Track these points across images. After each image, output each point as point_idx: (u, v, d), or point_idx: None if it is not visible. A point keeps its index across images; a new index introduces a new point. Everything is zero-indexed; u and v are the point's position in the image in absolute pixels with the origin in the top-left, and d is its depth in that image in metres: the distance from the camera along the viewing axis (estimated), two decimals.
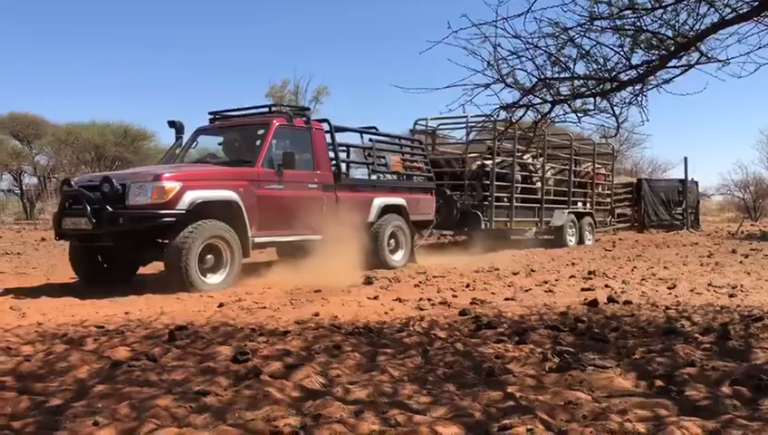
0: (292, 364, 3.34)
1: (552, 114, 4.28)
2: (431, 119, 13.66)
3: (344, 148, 9.96)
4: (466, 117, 12.17)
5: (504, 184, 12.75)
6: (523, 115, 4.41)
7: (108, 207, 6.67)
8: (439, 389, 2.94)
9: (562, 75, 4.03)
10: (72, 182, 7.26)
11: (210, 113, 9.14)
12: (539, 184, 13.85)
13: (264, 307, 5.61)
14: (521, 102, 4.20)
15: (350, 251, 8.95)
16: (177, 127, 8.91)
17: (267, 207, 7.66)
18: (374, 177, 10.04)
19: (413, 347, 3.84)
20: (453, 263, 9.99)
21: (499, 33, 3.84)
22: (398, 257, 9.64)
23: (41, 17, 53.57)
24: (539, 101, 4.22)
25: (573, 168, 14.87)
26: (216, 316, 5.13)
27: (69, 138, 31.02)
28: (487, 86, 4.05)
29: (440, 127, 14.17)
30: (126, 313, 5.36)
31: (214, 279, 7.05)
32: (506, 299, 6.01)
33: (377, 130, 10.34)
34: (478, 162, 12.83)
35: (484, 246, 12.11)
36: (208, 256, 7.01)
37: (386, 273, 8.23)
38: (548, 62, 3.98)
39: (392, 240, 9.57)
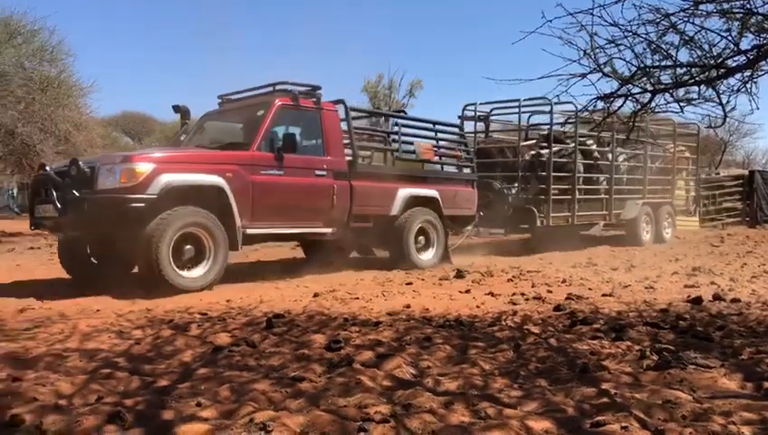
0: (383, 354, 3.39)
1: (653, 104, 4.12)
2: (481, 103, 12.33)
3: (371, 133, 9.33)
4: (519, 101, 11.15)
5: (563, 174, 11.35)
6: (622, 105, 4.28)
7: (75, 192, 6.09)
8: (531, 383, 2.91)
9: (664, 63, 3.87)
10: (47, 168, 6.62)
11: (219, 96, 8.62)
12: (607, 172, 12.32)
13: (357, 298, 5.71)
14: (619, 92, 4.07)
15: (366, 247, 8.45)
16: (181, 112, 8.34)
17: (263, 195, 6.89)
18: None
19: (505, 341, 3.81)
20: (548, 259, 9.80)
21: (596, 21, 3.74)
22: (427, 256, 8.64)
23: (152, 19, 56.44)
24: (638, 90, 4.07)
25: (649, 152, 13.19)
26: (311, 305, 5.28)
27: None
28: (584, 76, 3.96)
29: (494, 112, 12.64)
30: (227, 301, 5.60)
31: (193, 273, 6.33)
32: (604, 295, 5.83)
33: (405, 113, 9.48)
34: (533, 151, 11.52)
35: (575, 242, 11.71)
36: (187, 247, 6.28)
37: (478, 266, 8.16)
38: (648, 49, 3.83)
39: (421, 237, 8.60)
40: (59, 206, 6.14)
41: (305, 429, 2.26)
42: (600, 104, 4.18)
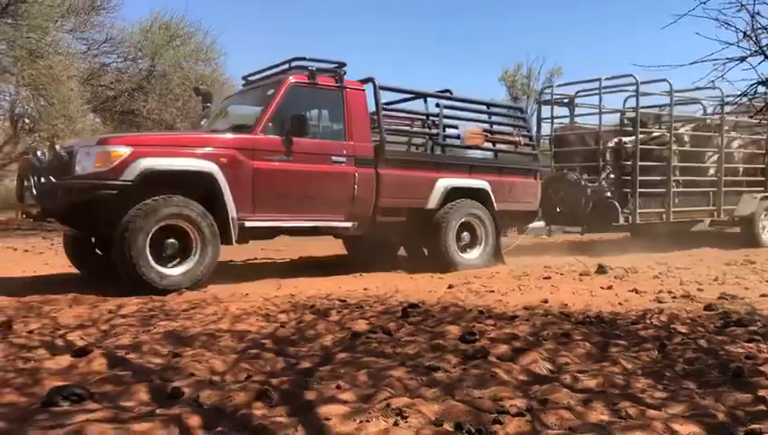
0: (519, 348, 3.35)
1: None
2: (559, 85, 10.94)
3: (408, 117, 8.35)
4: (599, 80, 9.82)
5: (654, 164, 9.91)
6: None
7: (51, 178, 5.65)
8: (677, 385, 2.76)
9: None
10: (38, 152, 6.17)
11: (243, 77, 8.02)
12: (713, 159, 10.57)
13: (492, 291, 5.67)
14: None
15: (393, 243, 7.80)
16: (202, 95, 7.93)
17: (267, 184, 6.21)
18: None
19: (649, 340, 3.63)
20: (698, 256, 9.19)
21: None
22: (472, 256, 7.63)
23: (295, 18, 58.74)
24: None
25: None
26: (445, 297, 5.31)
27: None
28: (743, 59, 3.68)
29: (579, 94, 10.95)
30: (365, 289, 5.76)
31: (176, 270, 5.73)
32: (762, 295, 5.39)
33: (450, 93, 8.26)
34: (616, 139, 10.03)
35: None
36: (169, 242, 5.70)
37: (622, 262, 7.79)
38: None
39: (465, 233, 7.61)
40: (34, 193, 5.83)
41: (440, 417, 2.29)
42: (762, 89, 3.86)
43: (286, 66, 7.07)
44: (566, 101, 11.01)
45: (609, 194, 9.57)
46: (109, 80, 16.91)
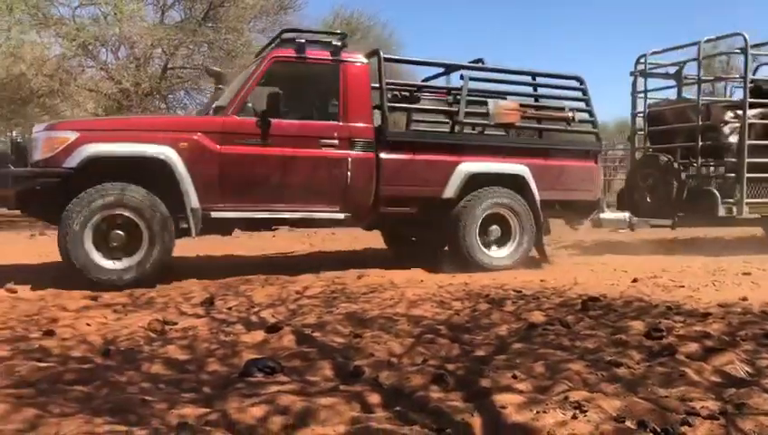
0: (711, 348, 3.10)
1: None
2: (652, 53, 8.81)
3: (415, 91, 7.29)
4: (698, 44, 8.09)
5: None
6: None
7: (10, 165, 5.45)
8: None
9: None
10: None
11: (255, 54, 7.23)
12: None
13: (682, 286, 5.28)
14: None
15: (398, 237, 7.10)
16: (214, 76, 7.21)
17: (237, 171, 5.62)
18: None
19: None
20: None
21: None
22: (501, 253, 6.49)
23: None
24: None
25: None
26: (629, 291, 5.04)
27: None
28: None
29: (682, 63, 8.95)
30: (541, 280, 5.63)
31: (121, 264, 5.26)
32: None
33: (482, 62, 7.15)
34: (730, 113, 8.09)
35: None
36: (115, 233, 5.24)
37: None
38: None
39: (494, 227, 6.45)
40: None
41: (621, 413, 2.19)
42: None
43: (278, 40, 6.42)
44: (667, 72, 9.28)
45: (707, 180, 8.18)
46: None
